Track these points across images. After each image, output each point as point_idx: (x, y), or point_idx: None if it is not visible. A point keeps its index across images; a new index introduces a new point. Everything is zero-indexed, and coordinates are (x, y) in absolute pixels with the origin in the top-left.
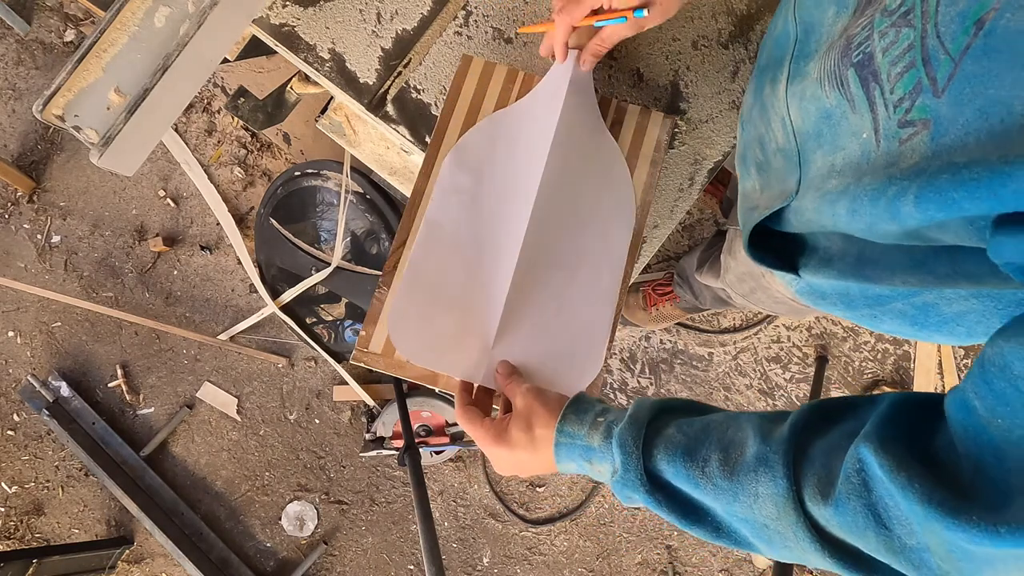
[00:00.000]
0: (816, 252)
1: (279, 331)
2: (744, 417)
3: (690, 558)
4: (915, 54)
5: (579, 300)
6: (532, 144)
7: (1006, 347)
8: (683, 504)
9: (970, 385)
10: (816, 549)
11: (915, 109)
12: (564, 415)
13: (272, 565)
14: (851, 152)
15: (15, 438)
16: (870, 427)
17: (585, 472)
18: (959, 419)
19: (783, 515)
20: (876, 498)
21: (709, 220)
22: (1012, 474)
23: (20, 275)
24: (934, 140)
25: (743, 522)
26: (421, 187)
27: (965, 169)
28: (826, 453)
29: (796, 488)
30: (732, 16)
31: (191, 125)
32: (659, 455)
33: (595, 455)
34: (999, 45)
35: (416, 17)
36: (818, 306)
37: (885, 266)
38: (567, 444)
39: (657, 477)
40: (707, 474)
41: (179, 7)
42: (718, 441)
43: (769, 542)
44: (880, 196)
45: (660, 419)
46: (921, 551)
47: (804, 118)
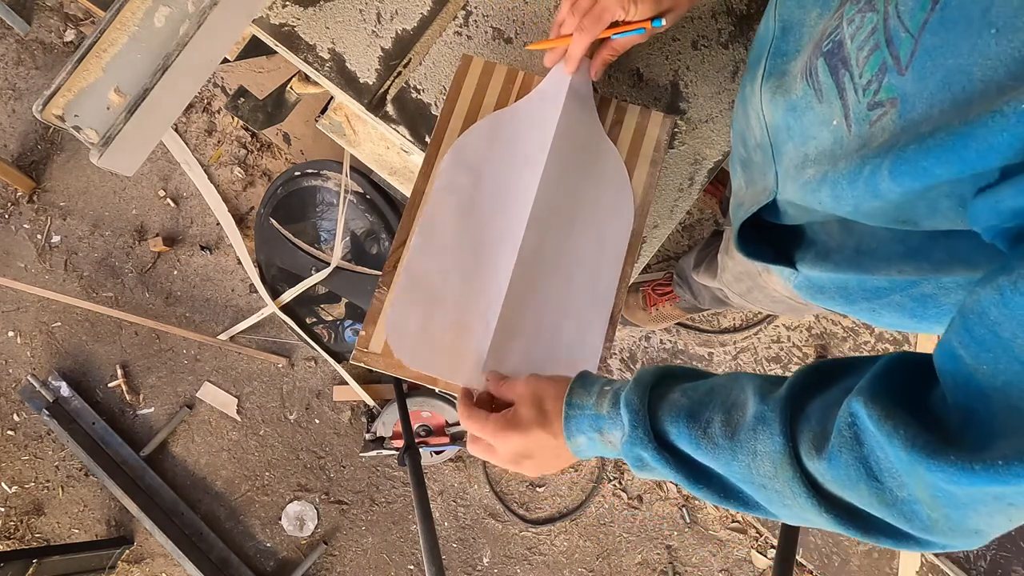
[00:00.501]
0: (814, 245)
1: (279, 331)
2: (746, 378)
3: (690, 558)
4: (879, 36)
5: (575, 304)
6: (531, 146)
7: (983, 293)
8: (690, 465)
9: (954, 335)
10: (813, 505)
11: (883, 89)
12: (571, 389)
13: (272, 565)
14: (822, 140)
15: (15, 438)
16: (864, 382)
17: (595, 447)
18: (947, 369)
19: (780, 472)
20: (867, 451)
21: (709, 220)
22: (996, 418)
23: (20, 275)
24: (902, 116)
25: (744, 482)
26: (421, 187)
27: (930, 137)
28: (822, 409)
29: (792, 444)
30: (732, 16)
31: (191, 125)
32: (664, 417)
33: (604, 422)
34: (954, 16)
35: (416, 17)
36: (816, 301)
37: (882, 256)
38: (577, 416)
39: (663, 439)
40: (709, 435)
41: (179, 7)
42: (721, 403)
43: (770, 502)
44: (857, 177)
45: (664, 383)
46: (912, 503)
47: (774, 112)
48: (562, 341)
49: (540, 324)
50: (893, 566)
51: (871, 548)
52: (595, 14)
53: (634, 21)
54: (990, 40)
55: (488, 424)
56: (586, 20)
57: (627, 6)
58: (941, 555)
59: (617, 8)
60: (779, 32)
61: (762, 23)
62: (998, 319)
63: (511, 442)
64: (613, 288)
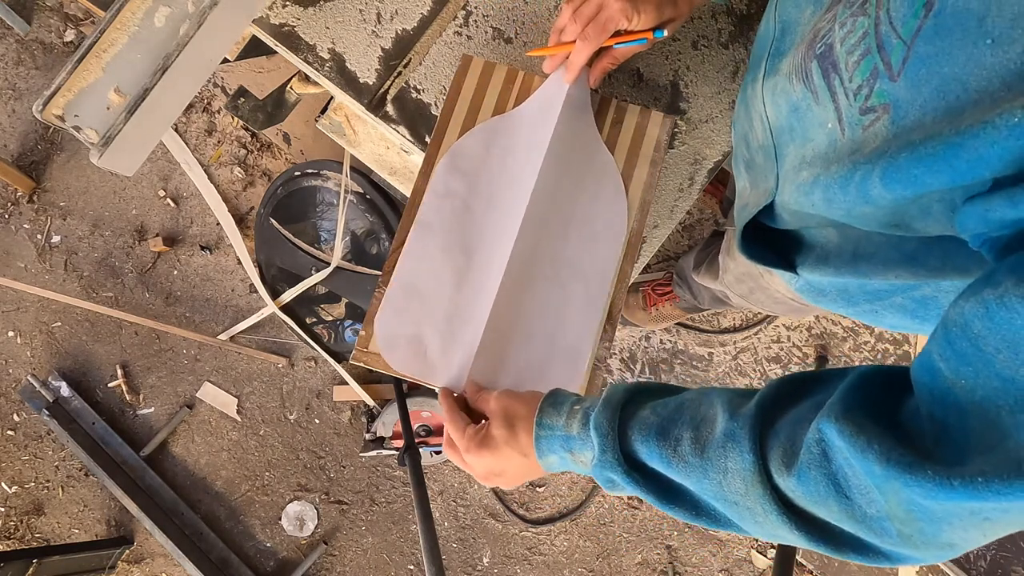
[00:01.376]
0: (813, 249)
1: (279, 331)
2: (715, 394)
3: (690, 558)
4: (870, 41)
5: (565, 311)
6: (526, 153)
7: (966, 306)
8: (661, 484)
9: (935, 347)
10: (783, 522)
11: (874, 95)
12: (541, 409)
13: (272, 565)
14: (819, 143)
15: (15, 438)
16: (834, 398)
17: (567, 466)
18: (925, 383)
19: (751, 489)
20: (836, 467)
21: (709, 220)
22: (972, 434)
23: (20, 275)
24: (894, 123)
25: (716, 499)
26: (420, 187)
27: (921, 146)
28: (792, 424)
29: (763, 461)
30: (732, 16)
31: (191, 125)
32: (633, 436)
33: (575, 443)
34: (949, 24)
35: (416, 17)
36: (819, 303)
37: (879, 261)
38: (547, 436)
39: (633, 458)
40: (679, 453)
41: (179, 7)
42: (690, 420)
43: (741, 519)
44: (848, 182)
45: (635, 401)
46: (881, 519)
47: (777, 113)
48: (551, 348)
49: (529, 331)
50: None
51: None
52: (599, 23)
53: (636, 31)
54: (986, 50)
55: (463, 440)
56: (590, 29)
57: (631, 16)
58: None
59: (621, 18)
60: (779, 33)
61: (762, 24)
62: (981, 332)
63: (483, 460)
64: (605, 296)
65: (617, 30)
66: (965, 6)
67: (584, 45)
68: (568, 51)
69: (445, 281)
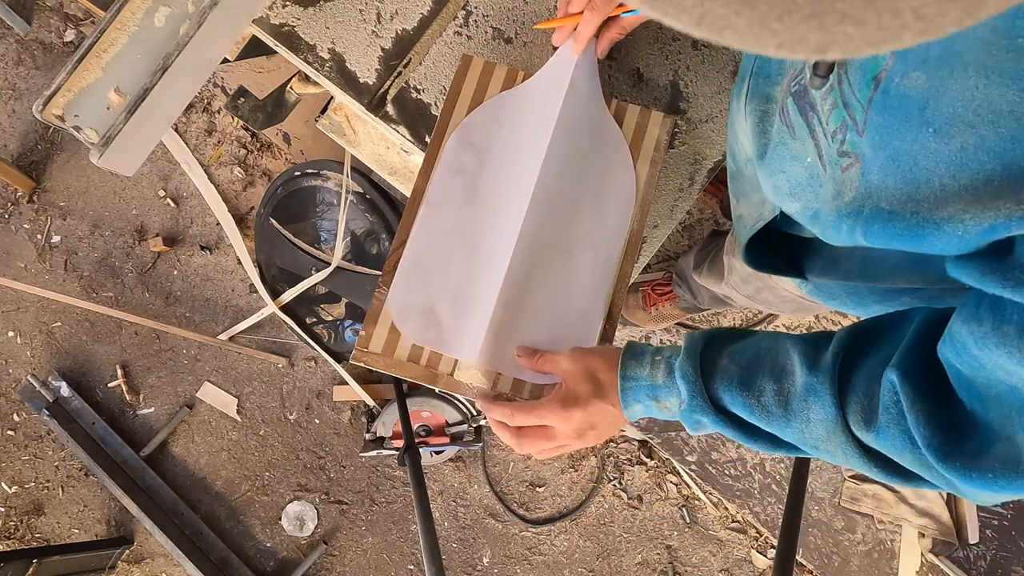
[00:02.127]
0: (821, 254)
1: (279, 331)
2: (790, 343)
3: (690, 558)
4: (836, 96)
5: (576, 282)
6: (536, 126)
7: (962, 330)
8: (744, 424)
9: (948, 353)
10: (864, 463)
11: (847, 143)
12: (623, 362)
13: (272, 565)
14: (794, 175)
15: (15, 438)
16: (898, 356)
17: (651, 412)
18: (952, 373)
19: (833, 437)
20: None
21: (709, 220)
22: (994, 422)
23: (20, 275)
24: (864, 176)
25: (798, 442)
26: (421, 187)
27: (890, 223)
28: (867, 381)
29: (843, 415)
30: None
31: (191, 125)
32: (718, 385)
33: (661, 392)
34: (895, 104)
35: (416, 17)
36: (829, 304)
37: (888, 266)
38: (632, 387)
39: (719, 404)
40: (763, 403)
41: (179, 7)
42: (770, 371)
43: (821, 454)
44: (839, 229)
45: (712, 349)
46: None
47: (752, 136)
48: (563, 317)
49: (542, 301)
50: (893, 566)
51: (871, 548)
52: None
53: None
54: (929, 138)
55: (541, 409)
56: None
57: None
58: (941, 555)
59: None
60: None
61: None
62: (978, 356)
63: (574, 418)
64: (615, 266)
65: None
66: (906, 92)
67: (592, 15)
68: (576, 22)
69: (457, 255)
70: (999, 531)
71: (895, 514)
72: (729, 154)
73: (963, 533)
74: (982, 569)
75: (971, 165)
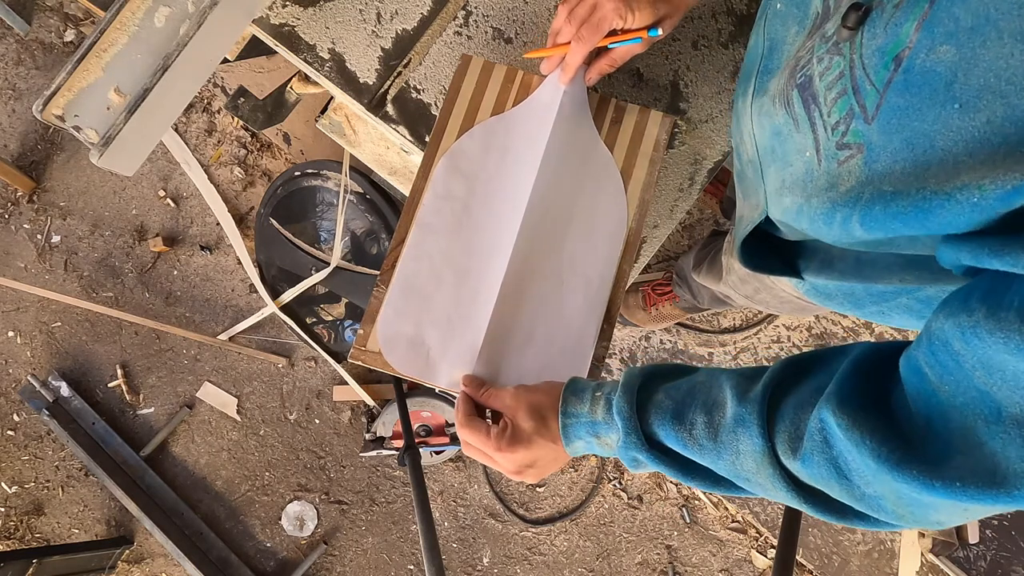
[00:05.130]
0: (817, 254)
1: (279, 331)
2: (724, 377)
3: (690, 558)
4: (846, 82)
5: (566, 310)
6: (525, 153)
7: (945, 325)
8: (680, 461)
9: (920, 354)
10: (793, 497)
11: (850, 133)
12: (565, 398)
13: (272, 565)
14: (796, 169)
15: (15, 438)
16: (833, 386)
17: (592, 449)
18: (913, 383)
19: (761, 469)
20: (836, 453)
21: (709, 220)
22: (955, 434)
23: (20, 275)
24: (867, 165)
25: (730, 475)
26: (420, 187)
27: (892, 203)
28: (795, 409)
29: (771, 445)
30: (732, 16)
31: (191, 125)
32: (652, 420)
33: (600, 428)
34: (919, 82)
35: (416, 17)
36: (826, 305)
37: (883, 266)
38: (573, 424)
39: (653, 439)
40: (694, 436)
41: (179, 7)
42: (703, 404)
43: (754, 490)
44: (831, 220)
45: (650, 384)
46: (878, 498)
47: (761, 133)
48: (553, 346)
49: (531, 329)
50: (893, 566)
51: (871, 548)
52: (593, 23)
53: (631, 30)
54: (953, 114)
55: (490, 441)
56: (584, 30)
57: (625, 15)
58: (941, 555)
59: (615, 17)
60: (767, 50)
61: (752, 37)
62: (960, 351)
63: (517, 456)
64: (606, 294)
65: (612, 29)
66: (932, 68)
67: (579, 46)
68: (564, 52)
69: (446, 282)
70: (999, 531)
71: None
72: (735, 155)
73: (963, 533)
74: (982, 569)
75: (994, 140)
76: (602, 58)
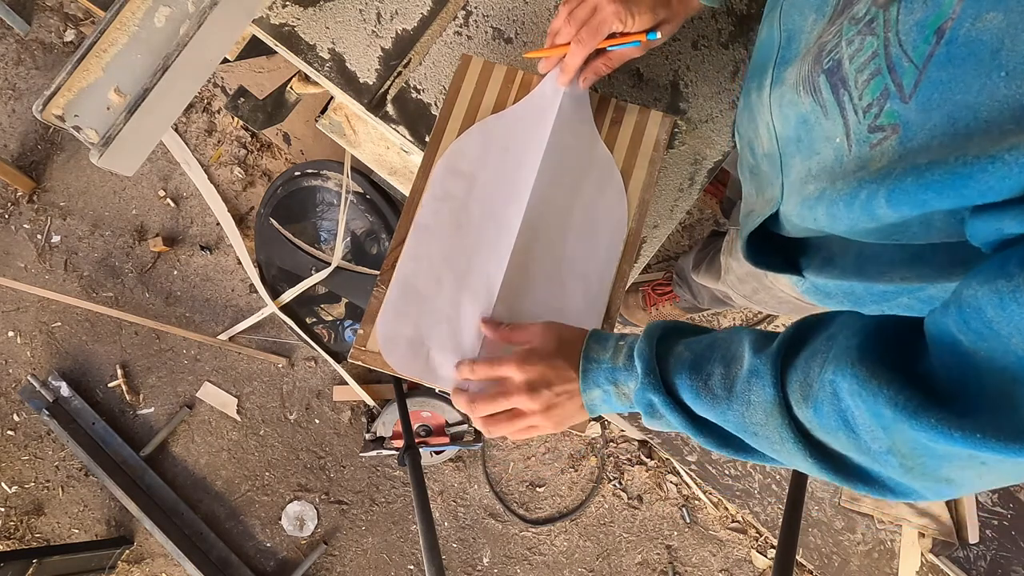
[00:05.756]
0: (818, 252)
1: (279, 331)
2: (744, 333)
3: (690, 558)
4: (880, 61)
5: (564, 313)
6: (524, 153)
7: (979, 292)
8: (692, 414)
9: (951, 322)
10: (798, 449)
11: (884, 114)
12: (587, 344)
13: (272, 565)
14: (825, 157)
15: (15, 438)
16: (853, 341)
17: (609, 401)
18: (945, 346)
19: (770, 419)
20: (844, 407)
21: (709, 220)
22: (987, 392)
23: (20, 275)
24: (902, 144)
25: (738, 429)
26: (420, 186)
27: (927, 172)
28: (808, 359)
29: (783, 395)
30: (732, 16)
31: (191, 125)
32: (670, 369)
33: (620, 374)
34: (963, 53)
35: (416, 17)
36: (825, 304)
37: (884, 262)
38: (594, 370)
39: (670, 388)
40: (709, 387)
41: (179, 7)
42: (721, 357)
43: (760, 446)
44: (854, 199)
45: (672, 336)
46: (884, 453)
47: (784, 123)
48: None
49: None
50: (893, 566)
51: (871, 548)
52: (593, 26)
53: (631, 33)
54: (999, 82)
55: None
56: (584, 32)
57: (625, 19)
58: (941, 555)
59: (615, 20)
60: (784, 41)
61: (763, 30)
62: (995, 318)
63: (535, 369)
64: (606, 294)
65: (612, 32)
66: (978, 37)
67: (579, 48)
68: (563, 53)
69: (445, 283)
70: (999, 531)
71: (895, 514)
72: (746, 150)
73: (963, 533)
74: (982, 569)
75: None
76: (599, 59)
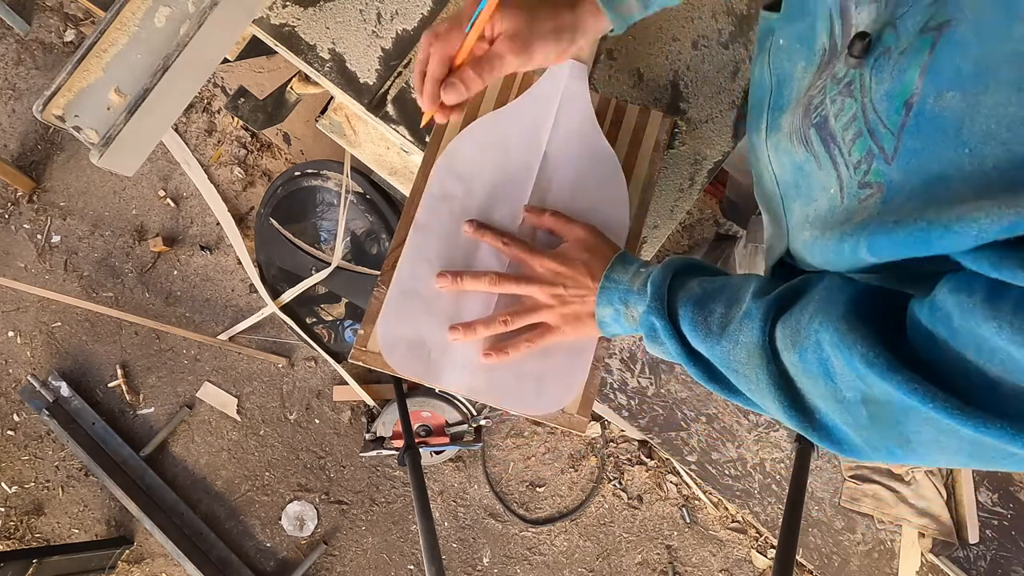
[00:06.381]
0: None
1: (279, 331)
2: (754, 279)
3: (690, 558)
4: (860, 124)
5: None
6: (524, 150)
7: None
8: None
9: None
10: (772, 391)
11: (872, 172)
12: (612, 264)
13: (272, 565)
14: (821, 205)
15: (15, 438)
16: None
17: (617, 321)
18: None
19: (751, 359)
20: (825, 356)
21: (709, 220)
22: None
23: (20, 275)
24: (883, 202)
25: (722, 365)
26: (420, 186)
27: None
28: (802, 308)
29: (768, 339)
30: (732, 16)
31: (191, 125)
32: (678, 299)
33: (632, 297)
34: (930, 127)
35: (416, 17)
36: None
37: None
38: (611, 288)
39: (673, 316)
40: (708, 323)
41: (179, 7)
42: (726, 298)
43: (739, 383)
44: (840, 248)
45: (689, 272)
46: (855, 403)
47: (782, 169)
48: (555, 347)
49: None
50: (893, 566)
51: (871, 548)
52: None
53: None
54: (965, 158)
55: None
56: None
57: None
58: (941, 555)
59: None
60: (775, 86)
61: (754, 69)
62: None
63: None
64: None
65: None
66: (940, 113)
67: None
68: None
69: None
70: (999, 531)
71: (895, 514)
72: (758, 180)
73: (963, 533)
74: (982, 569)
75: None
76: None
